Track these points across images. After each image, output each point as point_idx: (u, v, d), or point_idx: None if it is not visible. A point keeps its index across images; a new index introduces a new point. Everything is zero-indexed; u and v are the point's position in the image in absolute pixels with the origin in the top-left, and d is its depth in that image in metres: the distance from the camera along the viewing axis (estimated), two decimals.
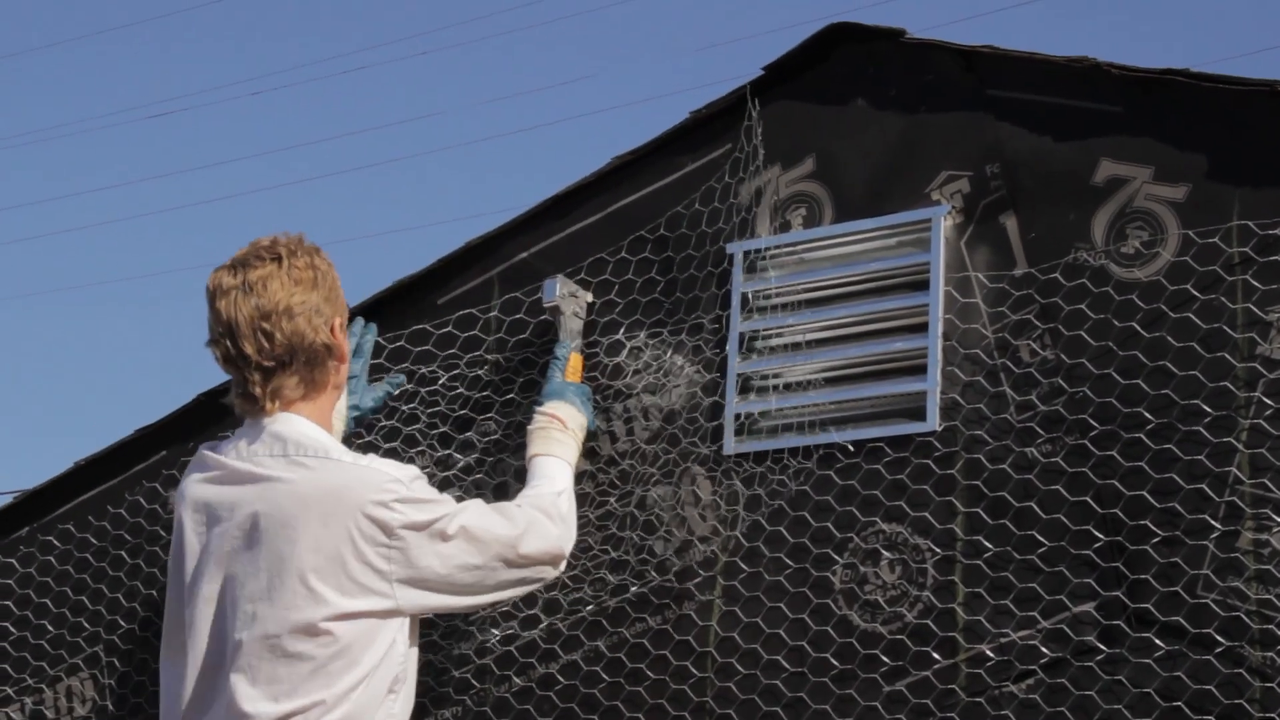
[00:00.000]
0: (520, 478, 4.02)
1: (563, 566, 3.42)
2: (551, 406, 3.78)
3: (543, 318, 4.09)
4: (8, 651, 4.50)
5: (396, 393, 4.00)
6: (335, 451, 3.17)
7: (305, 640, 3.06)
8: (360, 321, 3.92)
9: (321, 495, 3.11)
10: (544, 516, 3.39)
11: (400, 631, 3.15)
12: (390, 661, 3.13)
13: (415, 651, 3.22)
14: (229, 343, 3.17)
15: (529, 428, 3.74)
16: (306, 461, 3.14)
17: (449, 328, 4.20)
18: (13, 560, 4.55)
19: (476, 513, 3.26)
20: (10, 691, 4.48)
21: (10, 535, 4.60)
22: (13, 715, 4.47)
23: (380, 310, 4.28)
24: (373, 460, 3.18)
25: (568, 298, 4.01)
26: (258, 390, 3.20)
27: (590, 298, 4.06)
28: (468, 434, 4.11)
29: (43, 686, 4.45)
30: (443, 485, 4.09)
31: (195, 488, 3.23)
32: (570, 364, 3.91)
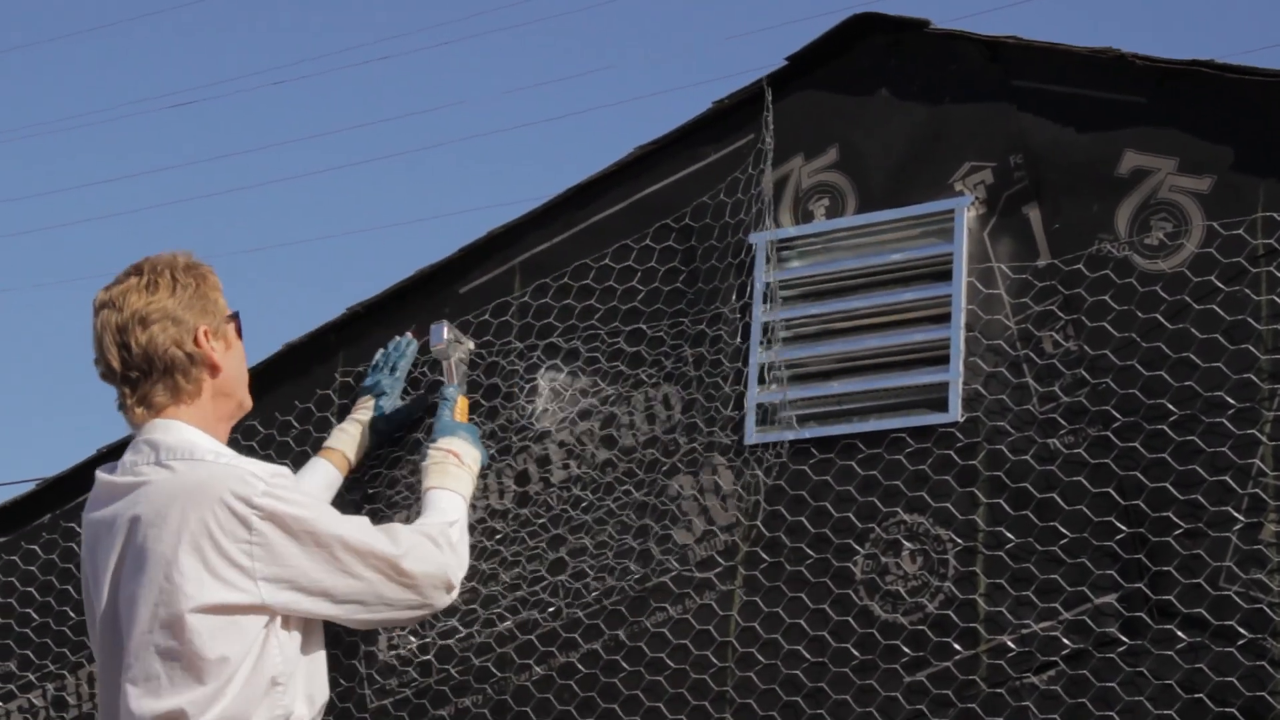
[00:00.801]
0: (543, 466, 4.03)
1: (454, 595, 3.41)
2: (446, 442, 3.79)
3: (566, 302, 4.09)
4: (30, 638, 4.52)
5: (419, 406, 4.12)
6: (200, 451, 3.23)
7: (171, 635, 3.13)
8: (403, 339, 4.17)
9: (183, 491, 3.19)
10: (429, 542, 3.39)
11: (276, 630, 3.20)
12: (267, 660, 3.18)
13: (320, 655, 3.31)
14: (101, 359, 3.34)
15: (423, 463, 3.76)
16: (173, 464, 3.23)
17: (470, 315, 4.20)
18: (35, 547, 4.56)
19: (356, 525, 3.30)
20: (33, 678, 4.50)
21: (33, 522, 4.61)
22: (35, 701, 4.48)
23: (402, 299, 4.29)
24: (239, 459, 3.25)
25: (454, 343, 4.08)
26: (128, 401, 3.34)
27: (473, 346, 4.15)
28: (492, 424, 4.11)
29: (65, 673, 4.47)
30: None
31: (86, 519, 3.36)
32: (458, 405, 3.95)
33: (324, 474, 4.06)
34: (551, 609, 3.94)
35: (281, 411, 4.36)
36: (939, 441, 3.65)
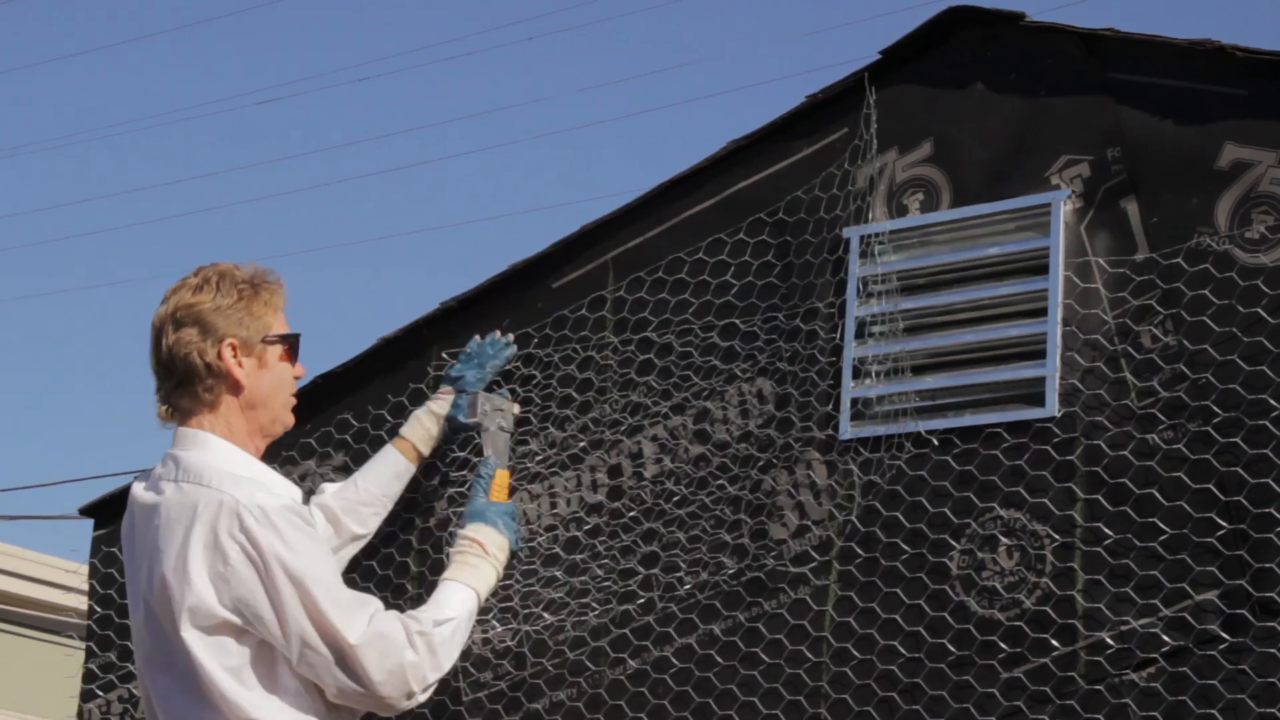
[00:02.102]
0: (636, 460, 4.04)
1: (416, 699, 3.35)
2: (473, 529, 3.74)
3: (661, 296, 4.10)
4: (130, 630, 4.56)
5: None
6: (208, 475, 3.26)
7: (177, 650, 3.25)
8: (500, 339, 4.14)
9: (187, 513, 3.24)
10: (402, 638, 3.33)
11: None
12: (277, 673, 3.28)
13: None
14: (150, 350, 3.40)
15: (449, 550, 3.73)
16: (184, 485, 3.27)
17: (565, 309, 4.21)
18: None
19: (331, 594, 3.26)
20: (132, 668, 4.54)
21: None
22: (135, 692, 4.53)
23: (496, 294, 4.31)
24: (242, 486, 3.25)
25: (491, 413, 4.02)
26: (158, 397, 3.39)
27: (518, 409, 4.09)
28: (584, 418, 4.12)
29: None
30: (558, 467, 4.11)
31: (123, 530, 3.45)
32: (496, 481, 3.92)
33: (393, 464, 4.06)
34: (642, 601, 3.94)
35: (374, 405, 4.38)
36: (1035, 436, 3.63)
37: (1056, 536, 3.57)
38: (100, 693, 4.58)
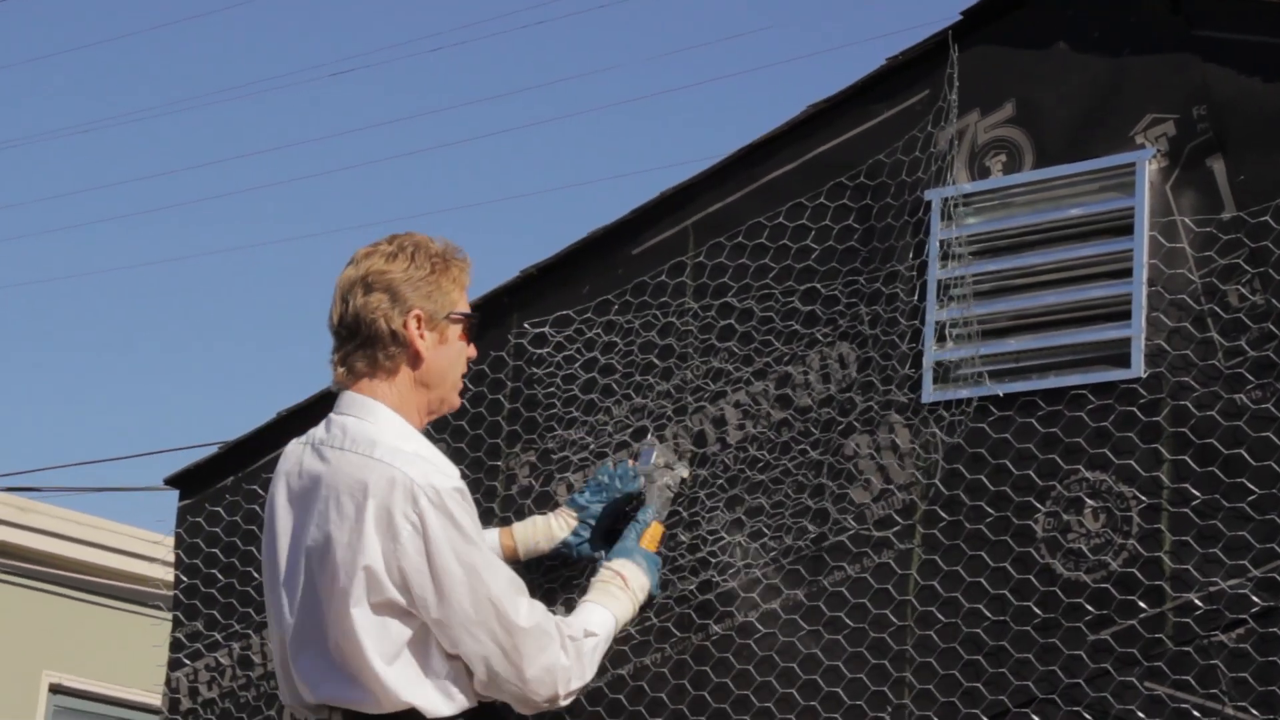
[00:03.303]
0: (719, 426, 4.04)
1: (559, 702, 3.37)
2: (619, 564, 3.74)
3: (741, 261, 4.09)
4: (216, 598, 4.61)
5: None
6: (380, 449, 3.25)
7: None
8: (629, 467, 3.99)
9: (354, 487, 3.23)
10: (556, 637, 3.35)
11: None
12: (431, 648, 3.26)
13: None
14: (331, 308, 3.39)
15: (592, 579, 3.73)
16: (352, 454, 3.27)
17: (646, 275, 4.21)
18: (219, 509, 4.65)
19: (502, 578, 3.28)
20: (219, 637, 4.59)
21: (216, 485, 4.70)
22: (222, 660, 4.58)
23: (576, 261, 4.31)
24: (415, 462, 3.24)
25: (662, 469, 3.96)
26: (334, 356, 3.38)
27: (686, 472, 4.01)
28: (667, 384, 4.12)
29: (249, 632, 4.55)
30: (638, 434, 4.11)
31: (274, 485, 3.44)
32: (649, 532, 3.87)
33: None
34: (732, 570, 3.94)
35: None
36: (1121, 398, 3.61)
37: (1143, 498, 3.55)
38: (187, 661, 4.63)
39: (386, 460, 3.24)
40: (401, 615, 3.24)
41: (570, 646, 3.38)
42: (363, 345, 3.34)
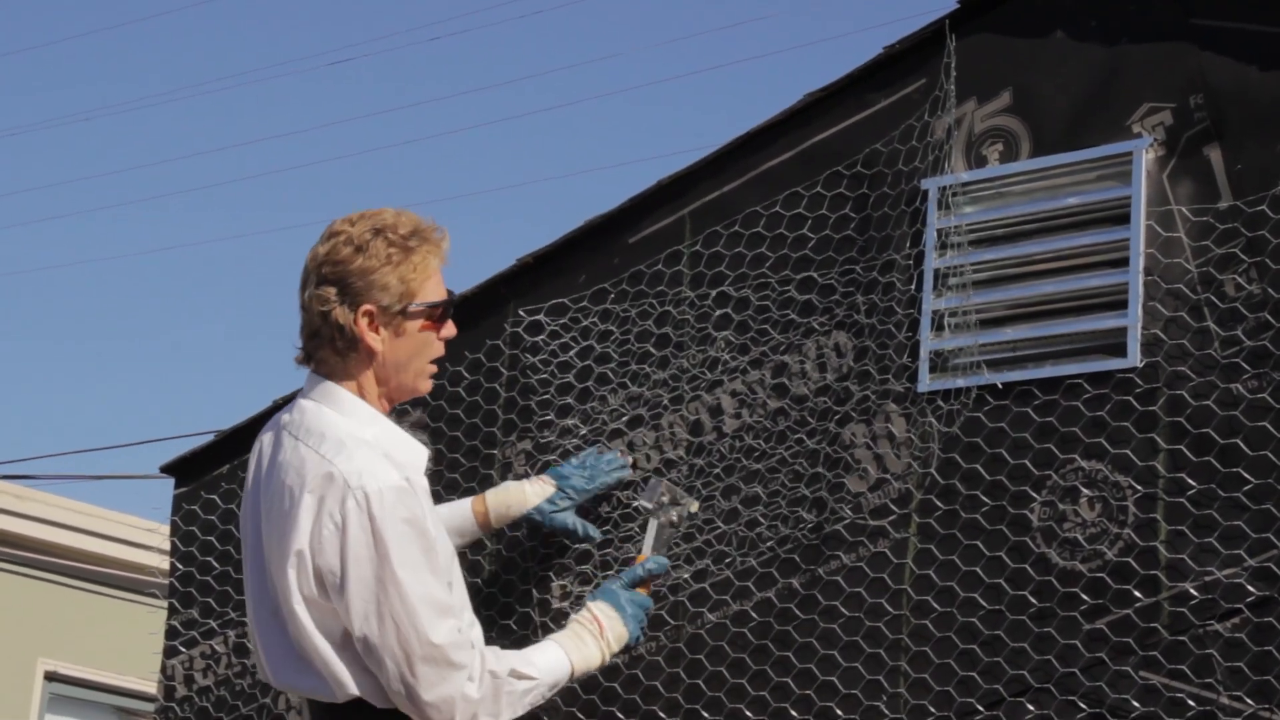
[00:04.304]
0: (715, 415, 4.03)
1: None
2: (600, 608, 3.54)
3: (738, 250, 4.09)
4: (211, 586, 4.61)
5: (580, 537, 3.94)
6: (327, 444, 3.19)
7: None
8: (619, 458, 3.98)
9: (302, 480, 3.17)
10: (468, 672, 3.17)
11: None
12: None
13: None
14: None
15: (573, 615, 3.57)
16: (306, 446, 3.21)
17: (642, 264, 4.21)
18: (214, 497, 4.65)
19: (424, 589, 3.14)
20: (214, 625, 4.59)
21: (211, 473, 4.70)
22: (217, 648, 4.58)
23: (572, 250, 4.30)
24: (356, 460, 3.15)
25: (667, 505, 3.85)
26: (299, 341, 3.32)
27: (695, 507, 3.91)
28: (664, 373, 4.12)
29: (245, 620, 4.55)
30: (633, 423, 4.11)
31: (252, 457, 3.38)
32: (642, 571, 3.71)
33: (461, 517, 3.91)
34: (727, 559, 3.94)
35: (451, 361, 4.39)
36: (1117, 387, 3.61)
37: (1139, 487, 3.55)
38: (183, 649, 4.63)
39: (329, 457, 3.17)
40: (329, 608, 3.19)
41: (486, 681, 3.20)
42: (315, 335, 3.27)
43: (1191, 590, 3.46)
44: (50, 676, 12.87)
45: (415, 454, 3.31)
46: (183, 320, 28.39)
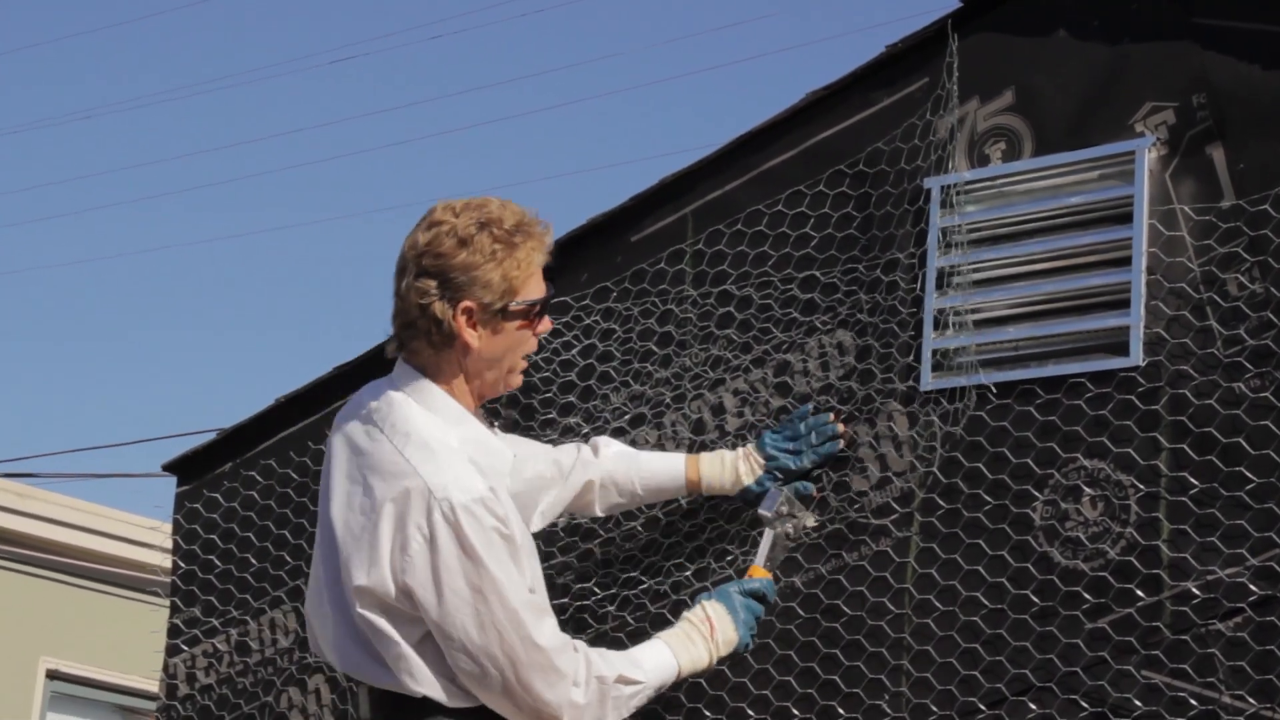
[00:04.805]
0: (717, 414, 4.03)
1: None
2: (714, 609, 3.44)
3: (740, 249, 4.09)
4: (213, 585, 4.61)
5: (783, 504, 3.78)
6: (412, 447, 3.11)
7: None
8: (830, 426, 3.83)
9: (379, 481, 3.11)
10: (572, 678, 3.11)
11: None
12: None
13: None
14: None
15: (683, 613, 3.45)
16: (388, 442, 3.13)
17: (644, 263, 4.21)
18: (217, 495, 4.65)
19: (520, 596, 3.07)
20: (216, 623, 4.59)
21: (214, 471, 4.70)
22: (219, 646, 4.58)
23: (575, 248, 4.30)
24: (445, 470, 3.08)
25: (785, 516, 3.75)
26: (391, 328, 3.22)
27: (812, 521, 3.83)
28: (666, 371, 4.12)
29: (247, 619, 4.55)
30: (635, 421, 4.11)
31: (335, 426, 3.28)
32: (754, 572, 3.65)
33: (671, 478, 3.82)
34: (729, 558, 3.94)
35: None
36: (1120, 386, 3.61)
37: (1141, 486, 3.55)
38: (185, 647, 4.63)
39: (413, 462, 3.10)
40: (407, 614, 3.12)
41: (593, 687, 3.14)
42: (410, 325, 3.17)
43: (1194, 589, 3.46)
44: (52, 675, 12.88)
45: (500, 457, 3.25)
46: (187, 318, 28.41)
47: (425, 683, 3.12)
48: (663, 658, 3.31)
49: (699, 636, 3.39)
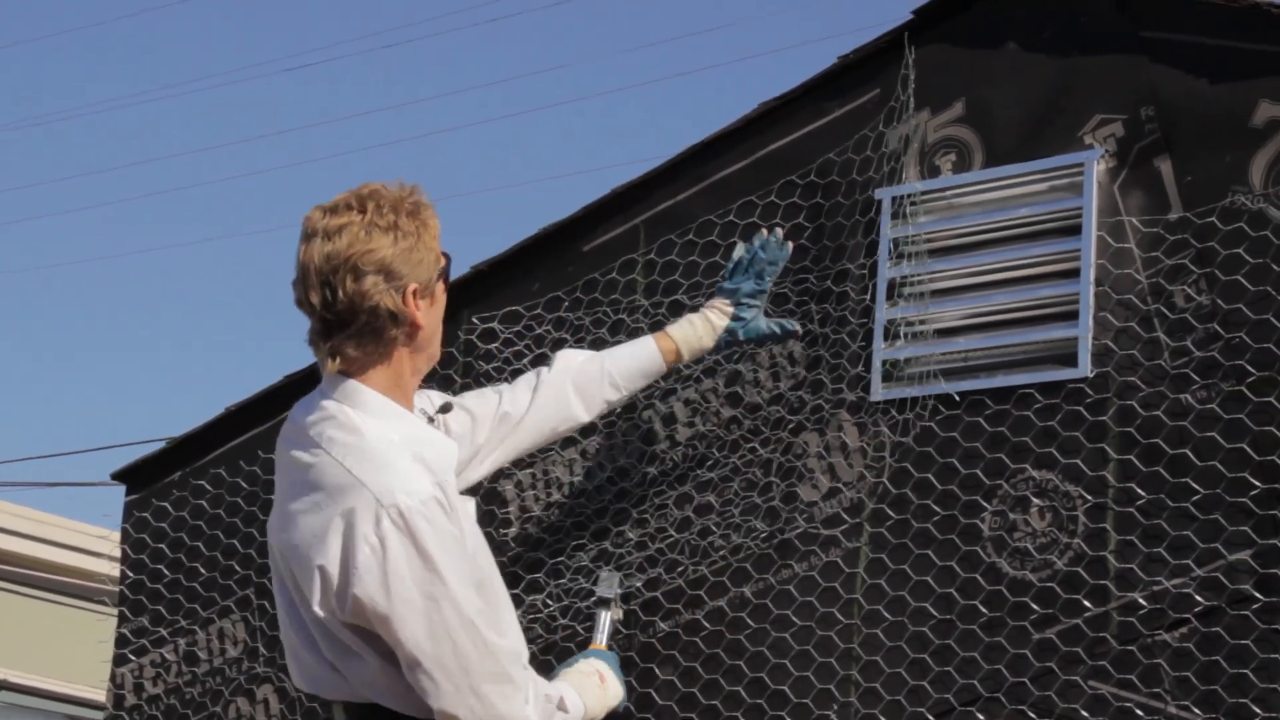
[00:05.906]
0: (668, 424, 4.03)
1: None
2: (599, 664, 3.35)
3: (692, 259, 4.09)
4: (161, 594, 4.59)
5: (781, 336, 3.79)
6: (354, 455, 3.03)
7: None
8: (772, 238, 3.76)
9: (323, 495, 3.03)
10: (524, 695, 3.02)
11: None
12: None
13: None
14: (301, 287, 3.08)
15: (567, 667, 3.36)
16: (329, 457, 3.04)
17: (596, 273, 4.21)
18: (165, 504, 4.63)
19: (467, 605, 2.98)
20: (164, 633, 4.57)
21: (163, 480, 4.68)
22: (167, 656, 4.56)
23: (526, 258, 4.30)
24: (388, 472, 3.00)
25: (619, 599, 3.78)
26: (320, 345, 3.09)
27: (620, 615, 3.80)
28: None
29: (195, 628, 4.53)
30: (586, 430, 4.10)
31: (278, 449, 3.20)
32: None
33: (647, 357, 3.68)
34: (680, 568, 3.95)
35: None
36: (1068, 397, 3.62)
37: (1089, 497, 3.56)
38: (132, 657, 4.61)
39: (355, 472, 3.02)
40: (364, 629, 3.04)
41: (542, 705, 3.07)
42: (360, 331, 3.07)
43: (1140, 600, 3.48)
44: None
45: (445, 452, 3.17)
46: (136, 327, 28.27)
47: (391, 698, 3.05)
48: (574, 698, 3.24)
49: (593, 686, 3.31)
